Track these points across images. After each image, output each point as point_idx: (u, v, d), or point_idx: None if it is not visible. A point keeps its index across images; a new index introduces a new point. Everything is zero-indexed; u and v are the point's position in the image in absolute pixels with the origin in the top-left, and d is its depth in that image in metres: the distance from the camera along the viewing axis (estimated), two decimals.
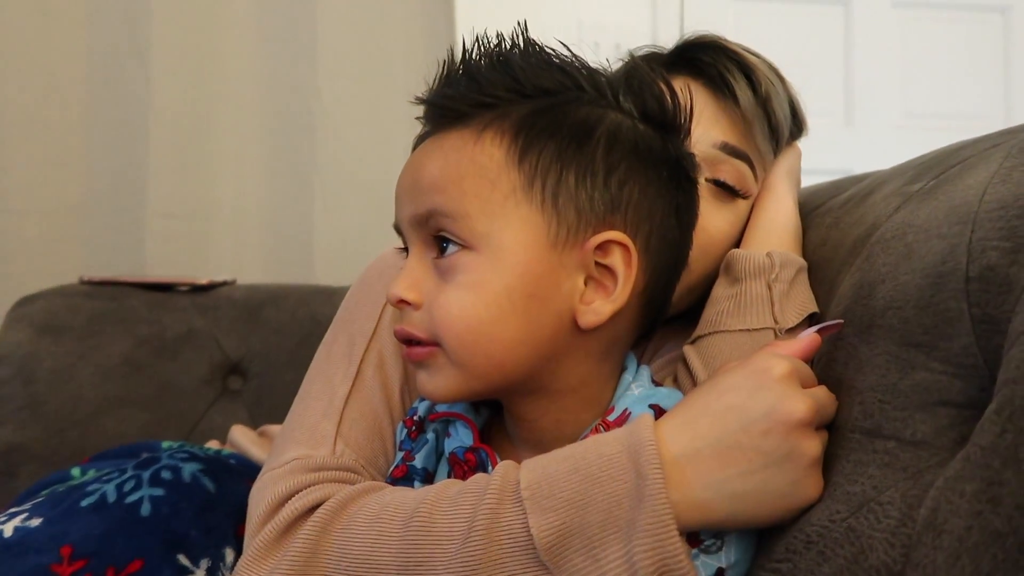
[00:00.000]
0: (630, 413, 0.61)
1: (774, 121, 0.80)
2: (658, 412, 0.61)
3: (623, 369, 0.64)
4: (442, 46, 1.58)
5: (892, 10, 2.14)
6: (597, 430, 0.60)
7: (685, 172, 0.63)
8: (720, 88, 0.78)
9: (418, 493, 0.59)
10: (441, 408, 0.67)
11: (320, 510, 0.60)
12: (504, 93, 0.59)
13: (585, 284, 0.59)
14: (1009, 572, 0.40)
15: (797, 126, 0.84)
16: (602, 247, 0.58)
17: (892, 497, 0.49)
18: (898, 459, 0.51)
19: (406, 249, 0.63)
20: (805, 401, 0.53)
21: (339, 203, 1.57)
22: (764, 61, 0.82)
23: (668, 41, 0.86)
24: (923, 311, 0.53)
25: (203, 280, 1.31)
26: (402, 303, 0.59)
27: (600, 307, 0.59)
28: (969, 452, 0.45)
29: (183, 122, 1.51)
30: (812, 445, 0.54)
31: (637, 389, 0.63)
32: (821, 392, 0.57)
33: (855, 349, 0.58)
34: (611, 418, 0.61)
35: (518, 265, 0.57)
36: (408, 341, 0.60)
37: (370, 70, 1.59)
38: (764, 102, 0.79)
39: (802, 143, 0.86)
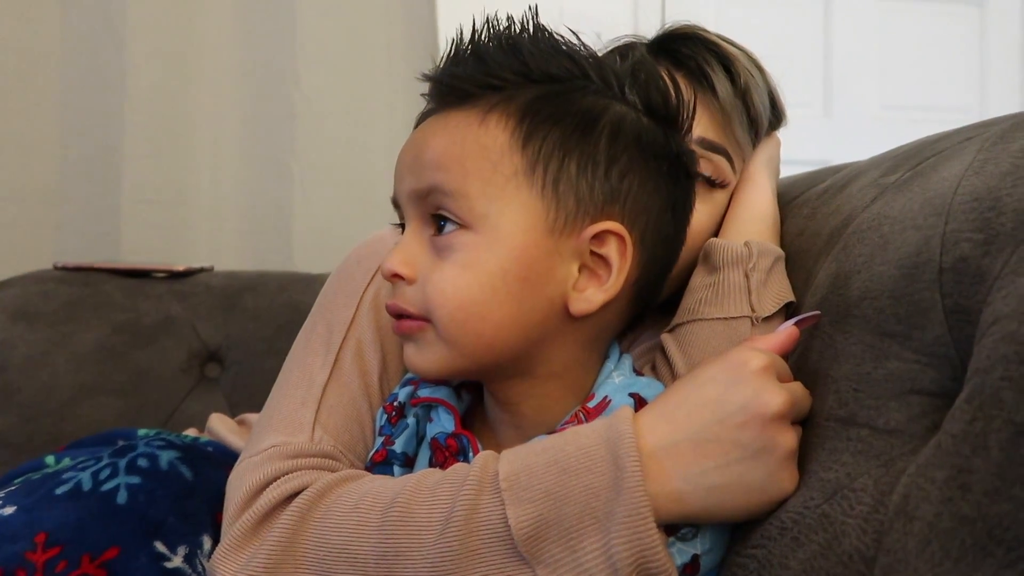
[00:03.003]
0: (610, 401, 0.61)
1: (753, 112, 0.80)
2: (638, 401, 0.61)
3: (606, 357, 0.65)
4: (424, 33, 1.57)
5: (871, 2, 2.15)
6: (577, 416, 0.61)
7: (685, 168, 0.63)
8: (699, 80, 0.78)
9: (397, 482, 0.59)
10: (423, 393, 0.67)
11: (299, 498, 0.59)
12: (511, 76, 0.60)
13: (579, 272, 0.59)
14: (978, 557, 0.41)
15: (776, 116, 0.85)
16: (598, 237, 0.59)
17: (865, 484, 0.50)
18: (871, 447, 0.52)
19: (402, 225, 0.63)
20: (781, 394, 0.54)
21: (318, 190, 1.56)
22: (744, 52, 0.82)
23: (649, 31, 0.86)
24: (897, 301, 0.54)
25: (180, 267, 1.30)
26: (396, 277, 0.60)
27: (592, 295, 0.59)
28: (940, 440, 0.46)
29: (159, 107, 1.49)
30: (788, 438, 0.54)
31: (618, 378, 0.63)
32: (797, 387, 0.58)
33: (831, 338, 0.59)
34: (591, 404, 0.61)
35: (515, 248, 0.57)
36: (399, 315, 0.60)
37: (350, 56, 1.57)
38: (743, 94, 0.79)
39: (780, 134, 0.86)
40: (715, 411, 0.54)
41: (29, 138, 1.43)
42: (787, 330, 0.59)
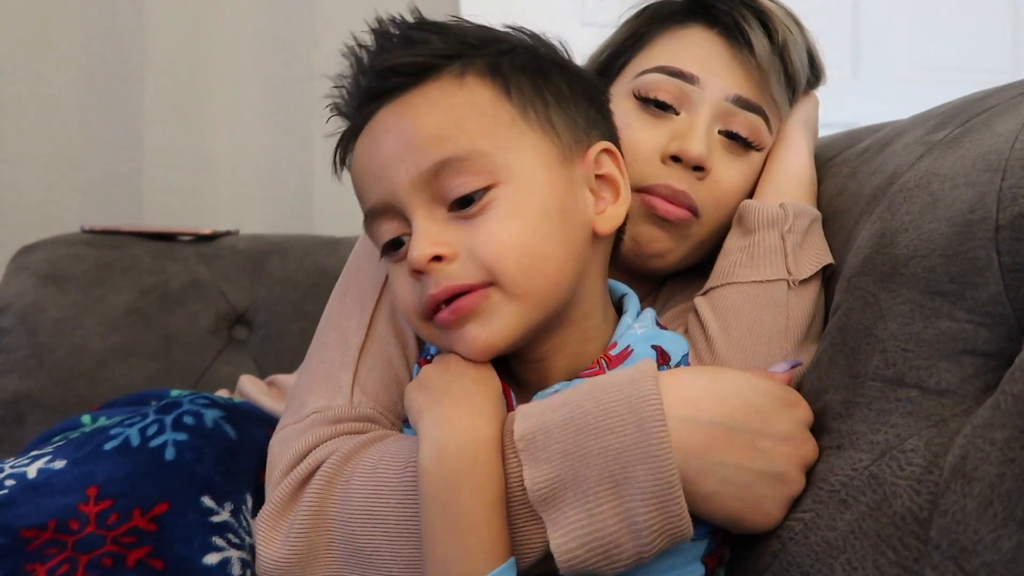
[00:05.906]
0: (632, 351, 0.61)
1: (791, 70, 0.78)
2: (660, 353, 0.61)
3: (623, 311, 0.65)
4: None
5: None
6: (598, 363, 0.61)
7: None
8: (735, 37, 0.76)
9: (413, 442, 0.58)
10: None
11: (324, 466, 0.60)
12: (459, 46, 0.61)
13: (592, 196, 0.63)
14: None
15: (815, 74, 0.83)
16: (597, 159, 0.63)
17: (916, 445, 0.50)
18: (921, 408, 0.51)
19: (393, 244, 0.61)
20: (816, 450, 0.57)
21: None
22: (781, 7, 0.80)
23: None
24: (950, 260, 0.52)
25: (206, 230, 1.30)
26: (435, 260, 0.57)
27: (613, 212, 0.63)
28: (999, 400, 0.45)
29: (179, 70, 1.48)
30: (800, 482, 0.56)
31: (640, 329, 0.63)
32: None
33: (875, 297, 0.58)
34: (613, 353, 0.61)
35: (544, 185, 0.59)
36: (455, 296, 0.58)
37: (369, 17, 1.55)
38: (781, 51, 0.77)
39: None
40: (762, 422, 0.55)
41: (49, 102, 1.43)
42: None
